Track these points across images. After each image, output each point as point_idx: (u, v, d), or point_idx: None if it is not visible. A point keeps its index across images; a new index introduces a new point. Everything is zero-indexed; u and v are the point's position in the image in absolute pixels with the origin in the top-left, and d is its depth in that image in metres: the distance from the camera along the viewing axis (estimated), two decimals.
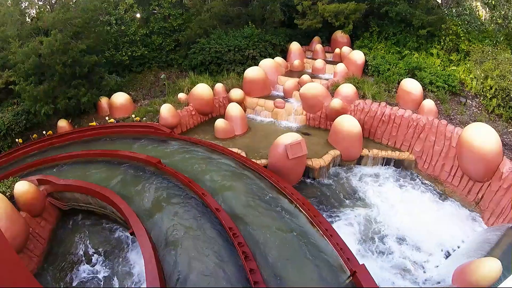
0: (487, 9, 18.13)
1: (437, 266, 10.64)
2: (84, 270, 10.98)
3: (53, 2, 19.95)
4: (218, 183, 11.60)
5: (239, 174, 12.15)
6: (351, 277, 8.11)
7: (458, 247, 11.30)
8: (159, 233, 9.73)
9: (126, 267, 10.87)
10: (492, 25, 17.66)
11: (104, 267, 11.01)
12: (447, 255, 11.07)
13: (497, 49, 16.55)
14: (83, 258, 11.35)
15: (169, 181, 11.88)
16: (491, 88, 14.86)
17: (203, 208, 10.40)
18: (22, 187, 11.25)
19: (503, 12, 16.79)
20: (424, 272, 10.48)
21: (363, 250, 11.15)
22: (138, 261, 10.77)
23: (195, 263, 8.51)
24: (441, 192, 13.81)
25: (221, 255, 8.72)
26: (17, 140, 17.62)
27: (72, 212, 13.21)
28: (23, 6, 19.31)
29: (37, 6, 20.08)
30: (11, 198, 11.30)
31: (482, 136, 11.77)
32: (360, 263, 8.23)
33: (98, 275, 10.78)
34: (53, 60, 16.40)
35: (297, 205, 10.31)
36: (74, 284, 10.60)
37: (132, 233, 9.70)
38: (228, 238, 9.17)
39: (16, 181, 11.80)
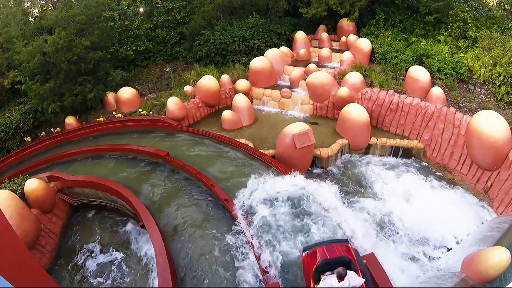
0: None
1: (445, 254, 10.61)
2: (95, 263, 11.15)
3: (55, 0, 19.95)
4: (227, 174, 11.71)
5: (248, 165, 12.28)
6: None
7: (468, 234, 11.24)
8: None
9: (136, 257, 11.00)
10: (500, 11, 17.32)
11: (116, 259, 11.18)
12: (456, 243, 11.02)
13: (505, 35, 16.22)
14: (95, 252, 11.52)
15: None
16: (499, 75, 14.61)
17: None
18: (32, 185, 11.42)
19: None
20: (433, 260, 10.47)
21: (373, 238, 11.13)
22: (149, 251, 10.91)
23: None
24: (450, 180, 13.70)
25: None
26: (25, 138, 17.81)
27: (82, 207, 13.39)
28: (26, 6, 19.36)
29: (39, 5, 20.10)
30: (22, 195, 11.47)
31: (491, 124, 11.63)
32: (371, 251, 8.28)
33: (109, 267, 10.95)
34: (58, 58, 16.49)
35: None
36: (86, 277, 10.77)
37: (142, 226, 9.84)
38: None
39: (26, 179, 11.97)
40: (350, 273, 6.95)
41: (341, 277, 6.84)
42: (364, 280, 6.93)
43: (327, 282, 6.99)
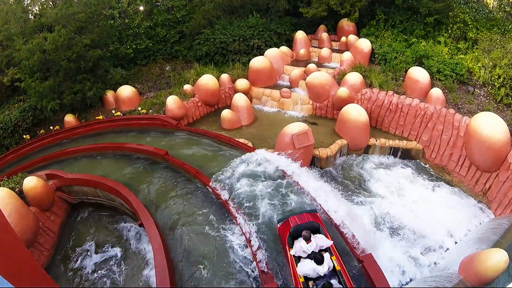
0: None
1: (443, 255, 10.63)
2: (93, 261, 11.14)
3: None
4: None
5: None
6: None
7: (465, 235, 11.27)
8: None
9: (135, 255, 11.01)
10: (501, 13, 17.32)
11: (114, 257, 11.17)
12: (454, 244, 11.05)
13: (505, 37, 16.24)
14: (93, 250, 11.51)
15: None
16: (499, 77, 14.64)
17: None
18: (31, 182, 11.41)
19: (511, 0, 16.45)
20: (430, 260, 10.48)
21: (372, 239, 11.15)
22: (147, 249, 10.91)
23: None
24: (448, 181, 13.71)
25: None
26: (24, 136, 17.79)
27: (81, 206, 13.38)
28: (26, 3, 19.34)
29: (39, 3, 20.09)
30: (21, 193, 11.45)
31: (490, 126, 11.66)
32: (369, 251, 8.30)
33: (108, 266, 10.93)
34: (58, 56, 16.47)
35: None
36: (84, 274, 10.77)
37: (141, 225, 9.84)
38: None
39: (25, 177, 11.95)
40: (318, 236, 7.89)
41: (307, 239, 7.62)
42: (332, 242, 7.85)
43: (297, 245, 7.82)
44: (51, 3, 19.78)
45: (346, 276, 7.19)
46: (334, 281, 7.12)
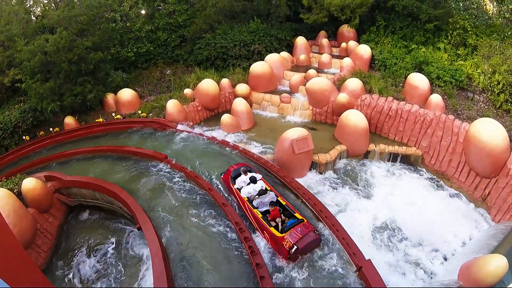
0: (495, 3, 17.82)
1: (443, 262, 10.60)
2: (91, 264, 11.08)
3: (58, 0, 20.01)
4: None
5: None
6: (357, 272, 8.13)
7: (464, 244, 11.24)
8: None
9: (132, 258, 10.96)
10: (500, 19, 17.37)
11: (111, 260, 11.11)
12: (453, 251, 11.01)
13: (505, 43, 16.30)
14: (90, 252, 11.46)
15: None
16: (498, 83, 14.68)
17: None
18: (30, 184, 11.38)
19: (510, 6, 16.53)
20: (430, 267, 10.44)
21: (370, 245, 11.13)
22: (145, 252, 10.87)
23: None
24: (447, 187, 13.70)
25: None
26: (24, 137, 17.78)
27: (79, 208, 13.34)
28: (28, 5, 19.41)
29: (42, 4, 20.15)
30: (19, 194, 11.42)
31: (489, 132, 11.67)
32: (367, 257, 8.25)
33: (105, 268, 10.88)
34: (59, 58, 16.50)
35: (304, 200, 10.32)
36: (81, 277, 10.72)
37: (139, 228, 9.79)
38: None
39: (24, 178, 11.92)
40: (251, 173, 10.75)
41: (245, 172, 10.68)
42: (261, 176, 10.77)
43: (238, 180, 10.55)
44: (53, 5, 19.81)
45: (274, 191, 10.23)
46: (271, 194, 9.90)
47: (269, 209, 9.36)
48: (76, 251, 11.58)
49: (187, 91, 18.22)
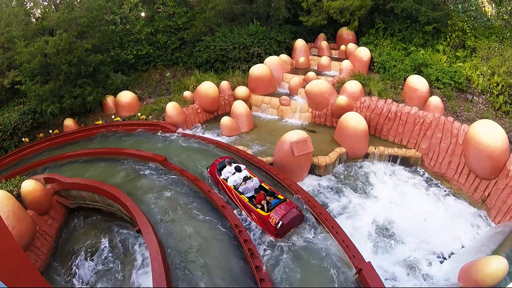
0: (493, 4, 17.82)
1: (443, 264, 10.58)
2: (90, 266, 11.08)
3: (57, 2, 20.06)
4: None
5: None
6: (357, 274, 8.11)
7: (463, 247, 11.22)
8: None
9: (133, 261, 10.94)
10: (499, 21, 17.35)
11: (110, 262, 11.12)
12: (453, 252, 11.00)
13: (503, 45, 16.29)
14: (90, 255, 11.45)
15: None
16: (497, 84, 14.70)
17: None
18: (29, 186, 11.36)
19: (509, 8, 16.51)
20: (430, 269, 10.42)
21: (370, 247, 11.13)
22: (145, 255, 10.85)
23: None
24: (447, 189, 13.70)
25: None
26: (23, 139, 17.77)
27: (78, 210, 13.32)
28: (28, 7, 19.40)
29: (42, 6, 20.18)
30: (18, 196, 11.41)
31: (489, 133, 11.66)
32: (368, 259, 8.23)
33: (104, 271, 10.89)
34: (59, 60, 16.52)
35: (303, 203, 10.31)
36: (80, 279, 10.70)
37: (138, 231, 9.76)
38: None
39: (23, 180, 11.91)
40: (235, 163, 11.35)
41: (229, 163, 11.30)
42: (245, 166, 11.31)
43: (224, 171, 11.20)
44: (53, 7, 19.85)
45: (258, 178, 10.93)
46: (255, 180, 10.68)
47: (254, 195, 10.16)
48: (75, 254, 11.57)
49: (187, 93, 18.23)
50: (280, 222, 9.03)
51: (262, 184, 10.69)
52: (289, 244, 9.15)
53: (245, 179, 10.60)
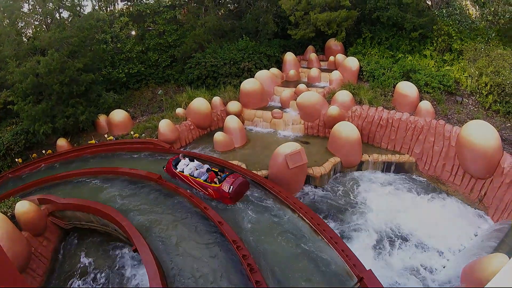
0: (477, 7, 18.14)
1: (445, 266, 10.53)
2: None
3: (49, 21, 20.14)
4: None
5: None
6: (359, 283, 8.02)
7: (464, 246, 11.21)
8: None
9: (130, 280, 10.79)
10: (483, 22, 17.64)
11: (106, 283, 10.92)
12: (454, 253, 10.97)
13: (489, 45, 16.61)
14: (86, 276, 11.24)
15: None
16: (486, 85, 14.92)
17: None
18: (23, 207, 11.20)
19: (493, 9, 16.82)
20: (432, 272, 10.38)
21: (371, 253, 11.09)
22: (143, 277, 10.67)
23: None
24: (444, 192, 13.74)
25: None
26: (16, 159, 17.61)
27: (73, 231, 13.14)
28: (20, 26, 19.45)
29: (33, 26, 20.25)
30: (13, 218, 11.22)
31: (481, 133, 11.81)
32: (368, 266, 8.15)
33: None
34: (51, 79, 16.52)
35: (300, 214, 10.25)
36: None
37: (135, 250, 9.60)
38: None
39: (17, 201, 11.75)
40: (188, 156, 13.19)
41: (184, 157, 13.10)
42: (202, 164, 12.84)
43: (179, 165, 12.83)
44: (44, 26, 19.93)
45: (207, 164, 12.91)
46: (206, 165, 12.76)
47: (208, 176, 12.01)
48: (72, 276, 11.35)
49: (179, 110, 18.27)
50: (231, 187, 11.09)
51: (212, 169, 12.44)
52: None
53: (199, 166, 12.61)
